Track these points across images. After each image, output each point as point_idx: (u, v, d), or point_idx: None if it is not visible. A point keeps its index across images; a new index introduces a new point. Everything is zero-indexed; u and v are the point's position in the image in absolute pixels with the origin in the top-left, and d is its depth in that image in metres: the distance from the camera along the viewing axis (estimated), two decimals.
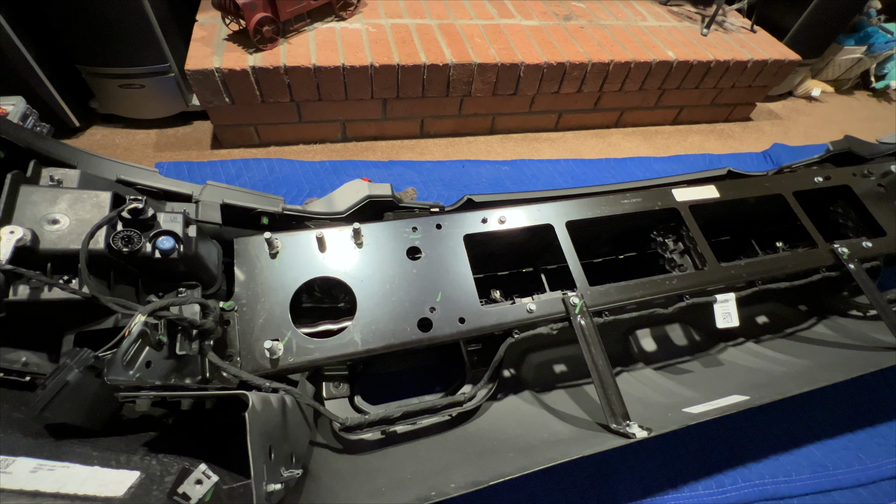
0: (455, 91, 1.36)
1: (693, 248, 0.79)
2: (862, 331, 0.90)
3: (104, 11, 1.07)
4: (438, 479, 0.55)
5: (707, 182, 0.87)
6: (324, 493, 0.55)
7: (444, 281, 0.67)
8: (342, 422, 0.63)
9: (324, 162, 1.32)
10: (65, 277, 0.50)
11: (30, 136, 0.57)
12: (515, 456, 0.61)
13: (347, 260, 0.66)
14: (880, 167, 0.94)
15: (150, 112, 1.32)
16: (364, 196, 0.76)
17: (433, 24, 1.40)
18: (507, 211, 0.75)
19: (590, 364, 0.64)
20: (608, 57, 1.41)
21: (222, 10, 1.15)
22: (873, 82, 2.16)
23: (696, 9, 1.81)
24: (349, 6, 1.35)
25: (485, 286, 0.74)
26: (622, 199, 0.80)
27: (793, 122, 1.92)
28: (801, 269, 0.80)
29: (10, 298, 0.46)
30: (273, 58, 1.16)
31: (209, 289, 0.63)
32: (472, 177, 1.36)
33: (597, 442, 0.58)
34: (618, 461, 0.82)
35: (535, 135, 1.60)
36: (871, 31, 1.91)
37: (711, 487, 0.81)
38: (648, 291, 0.72)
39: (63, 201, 0.51)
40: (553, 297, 0.69)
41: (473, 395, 0.72)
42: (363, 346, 0.61)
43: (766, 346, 0.93)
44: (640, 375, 0.86)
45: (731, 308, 0.75)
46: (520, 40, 1.40)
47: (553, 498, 0.78)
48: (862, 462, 0.87)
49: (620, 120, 1.68)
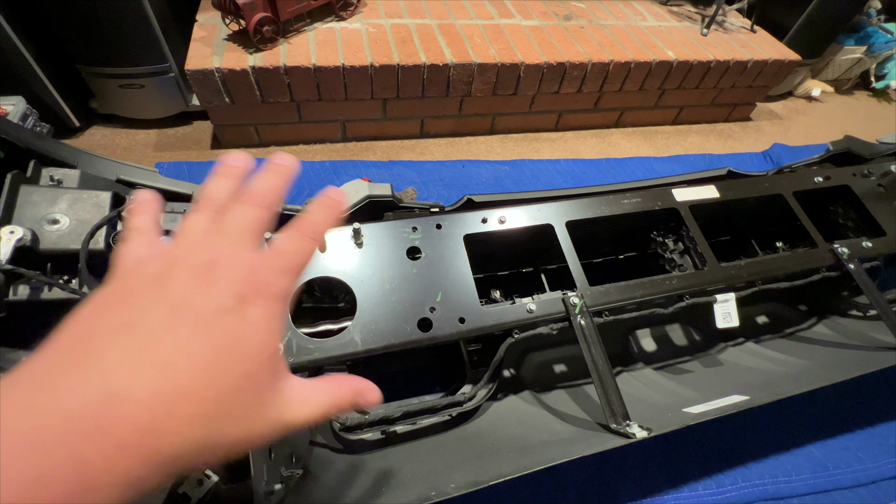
0: (455, 91, 1.36)
1: (693, 248, 0.79)
2: (862, 331, 0.90)
3: (104, 11, 1.07)
4: (438, 479, 0.55)
5: (707, 182, 0.87)
6: (324, 493, 0.55)
7: (444, 281, 0.67)
8: (342, 422, 0.63)
9: (324, 162, 1.32)
10: (65, 277, 0.50)
11: (30, 136, 0.57)
12: (515, 456, 0.61)
13: (347, 260, 0.66)
14: (880, 167, 0.94)
15: (150, 112, 1.32)
16: (364, 196, 0.76)
17: (433, 24, 1.40)
18: (507, 211, 0.75)
19: (590, 364, 0.63)
20: (608, 57, 1.41)
21: (222, 10, 1.15)
22: (873, 82, 2.16)
23: (696, 9, 1.81)
24: (349, 6, 1.35)
25: (485, 286, 0.74)
26: (622, 199, 0.80)
27: (793, 122, 1.92)
28: (801, 269, 0.80)
29: (10, 298, 0.46)
30: (273, 58, 1.16)
31: None
32: (472, 177, 1.36)
33: (597, 442, 0.58)
34: (618, 461, 0.82)
35: (535, 135, 1.60)
36: (871, 31, 1.91)
37: (711, 487, 0.81)
38: (648, 291, 0.72)
39: (63, 201, 0.51)
40: (553, 297, 0.69)
41: (473, 395, 0.72)
42: (363, 346, 0.61)
43: (766, 346, 0.93)
44: (640, 375, 0.86)
45: (731, 308, 0.75)
46: (520, 40, 1.40)
47: (553, 498, 0.78)
48: (862, 462, 0.87)
49: (620, 120, 1.68)
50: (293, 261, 0.26)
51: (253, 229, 0.26)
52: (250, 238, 0.26)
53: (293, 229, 0.28)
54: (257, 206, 0.27)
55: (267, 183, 0.29)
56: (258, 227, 0.27)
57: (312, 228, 0.28)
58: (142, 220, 0.28)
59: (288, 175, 0.30)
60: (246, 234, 0.26)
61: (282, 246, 0.27)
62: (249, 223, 0.26)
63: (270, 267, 0.25)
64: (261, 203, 0.27)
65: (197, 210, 0.27)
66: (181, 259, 0.24)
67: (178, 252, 0.24)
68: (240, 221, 0.26)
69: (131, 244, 0.26)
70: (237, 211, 0.27)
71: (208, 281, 0.23)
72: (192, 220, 0.26)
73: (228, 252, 0.24)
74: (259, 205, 0.27)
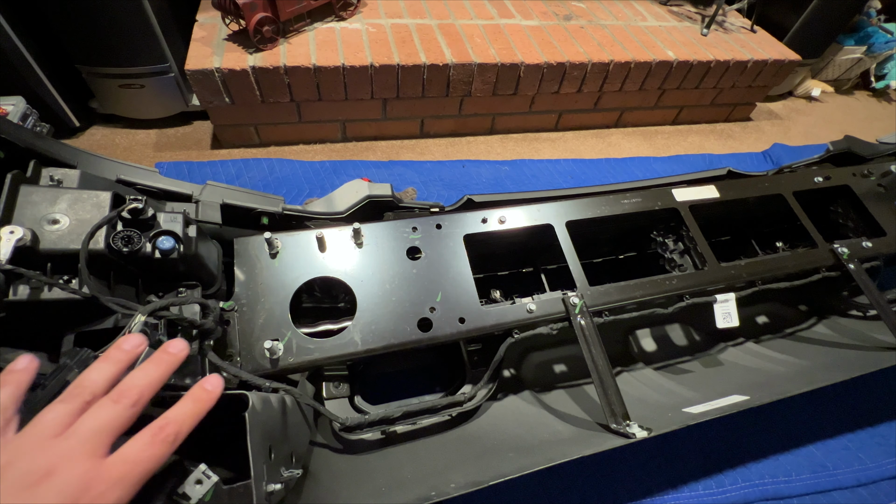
0: (455, 91, 1.36)
1: (693, 248, 0.79)
2: (862, 331, 0.90)
3: (104, 11, 1.07)
4: (438, 479, 0.55)
5: (707, 182, 0.87)
6: (324, 493, 0.55)
7: (444, 281, 0.67)
8: (342, 422, 0.63)
9: (324, 162, 1.32)
10: (65, 277, 0.50)
11: (30, 136, 0.57)
12: (515, 456, 0.61)
13: (347, 260, 0.66)
14: (880, 167, 0.94)
15: (150, 112, 1.32)
16: (364, 196, 0.76)
17: (433, 24, 1.40)
18: (507, 211, 0.75)
19: (590, 364, 0.64)
20: (608, 57, 1.41)
21: (222, 10, 1.15)
22: (873, 82, 2.16)
23: (696, 9, 1.81)
24: (349, 6, 1.35)
25: (485, 286, 0.74)
26: (622, 199, 0.80)
27: (793, 122, 1.92)
28: (801, 269, 0.80)
29: (10, 298, 0.46)
30: (273, 58, 1.16)
31: (209, 289, 0.63)
32: (472, 177, 1.36)
33: (597, 442, 0.58)
34: (618, 461, 0.82)
35: (535, 135, 1.60)
36: (871, 31, 1.91)
37: (711, 487, 0.81)
38: (648, 291, 0.72)
39: (63, 201, 0.51)
40: (553, 297, 0.69)
41: (473, 395, 0.72)
42: (363, 346, 0.61)
43: (766, 346, 0.93)
44: (640, 375, 0.86)
45: (731, 308, 0.75)
46: (520, 40, 1.40)
47: (553, 498, 0.78)
48: (862, 462, 0.87)
49: (620, 120, 1.68)
50: (135, 469, 0.27)
51: (108, 431, 0.27)
52: (101, 441, 0.27)
53: (152, 430, 0.28)
54: (123, 405, 0.28)
55: (145, 377, 0.30)
56: (115, 428, 0.27)
57: (174, 430, 0.29)
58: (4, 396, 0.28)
59: (174, 364, 0.33)
60: (97, 438, 0.26)
61: (131, 452, 0.27)
62: (106, 425, 0.27)
63: (107, 479, 0.25)
64: (128, 401, 0.28)
65: (61, 400, 0.28)
66: (17, 462, 0.24)
67: (18, 451, 0.25)
68: (96, 423, 0.27)
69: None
70: (99, 410, 0.28)
71: (35, 494, 0.23)
72: (51, 413, 0.27)
73: (68, 462, 0.25)
74: (126, 403, 0.28)
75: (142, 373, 0.31)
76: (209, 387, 0.33)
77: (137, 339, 0.34)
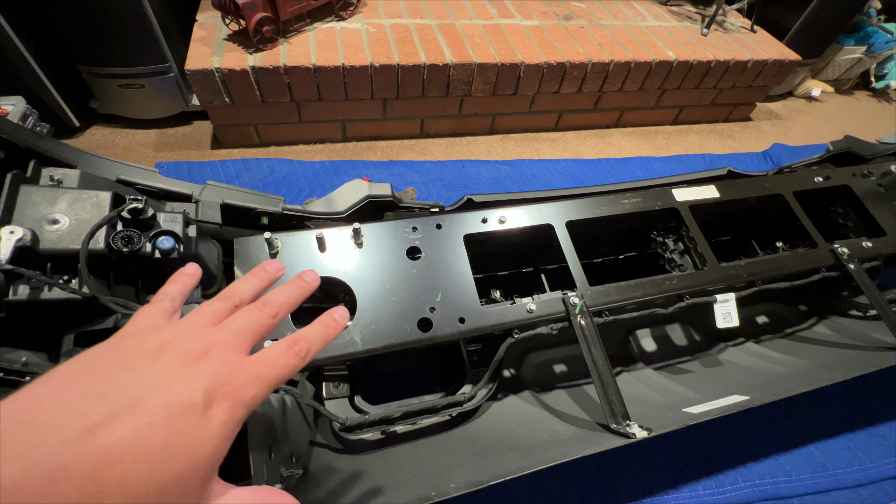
0: (455, 91, 1.36)
1: (693, 248, 0.79)
2: (862, 331, 0.90)
3: (104, 11, 1.07)
4: (438, 479, 0.55)
5: (707, 182, 0.87)
6: (324, 493, 0.55)
7: (444, 281, 0.67)
8: (342, 422, 0.63)
9: (324, 162, 1.32)
10: (65, 277, 0.50)
11: (30, 136, 0.57)
12: (515, 456, 0.61)
13: (347, 260, 0.66)
14: (880, 167, 0.94)
15: (150, 112, 1.32)
16: (364, 196, 0.76)
17: (433, 24, 1.40)
18: (507, 211, 0.75)
19: (590, 364, 0.63)
20: (608, 57, 1.41)
21: (222, 10, 1.15)
22: (873, 82, 2.16)
23: (696, 9, 1.81)
24: (349, 6, 1.35)
25: (485, 286, 0.74)
26: (622, 199, 0.80)
27: (793, 122, 1.92)
28: (801, 269, 0.80)
29: (10, 298, 0.46)
30: (273, 58, 1.16)
31: (209, 289, 0.63)
32: (472, 177, 1.36)
33: (597, 442, 0.58)
34: (618, 461, 0.82)
35: (535, 135, 1.60)
36: (871, 31, 1.91)
37: (711, 487, 0.81)
38: (648, 291, 0.72)
39: (63, 201, 0.51)
40: (553, 297, 0.69)
41: (473, 395, 0.72)
42: (363, 346, 0.61)
43: (766, 346, 0.93)
44: (640, 375, 0.86)
45: (731, 308, 0.75)
46: (520, 40, 1.40)
47: (553, 498, 0.78)
48: (862, 462, 0.87)
49: (620, 120, 1.68)
50: (272, 371, 0.29)
51: (252, 333, 0.30)
52: (246, 339, 0.29)
53: (288, 341, 0.31)
54: (266, 314, 0.31)
55: (285, 295, 0.34)
56: (258, 332, 0.30)
57: (306, 347, 0.31)
58: (175, 289, 0.33)
59: (308, 291, 0.36)
60: (243, 336, 0.29)
61: (269, 355, 0.29)
62: (252, 326, 0.30)
63: (249, 373, 0.27)
64: (271, 311, 0.31)
65: (218, 298, 0.31)
66: (179, 341, 0.27)
67: (181, 332, 0.28)
68: (244, 323, 0.30)
69: (154, 308, 0.30)
70: (247, 312, 0.31)
71: (191, 370, 0.25)
72: (209, 306, 0.30)
73: (220, 349, 0.27)
74: (269, 313, 0.31)
75: (281, 291, 0.34)
76: (338, 316, 0.34)
77: (278, 264, 0.37)
